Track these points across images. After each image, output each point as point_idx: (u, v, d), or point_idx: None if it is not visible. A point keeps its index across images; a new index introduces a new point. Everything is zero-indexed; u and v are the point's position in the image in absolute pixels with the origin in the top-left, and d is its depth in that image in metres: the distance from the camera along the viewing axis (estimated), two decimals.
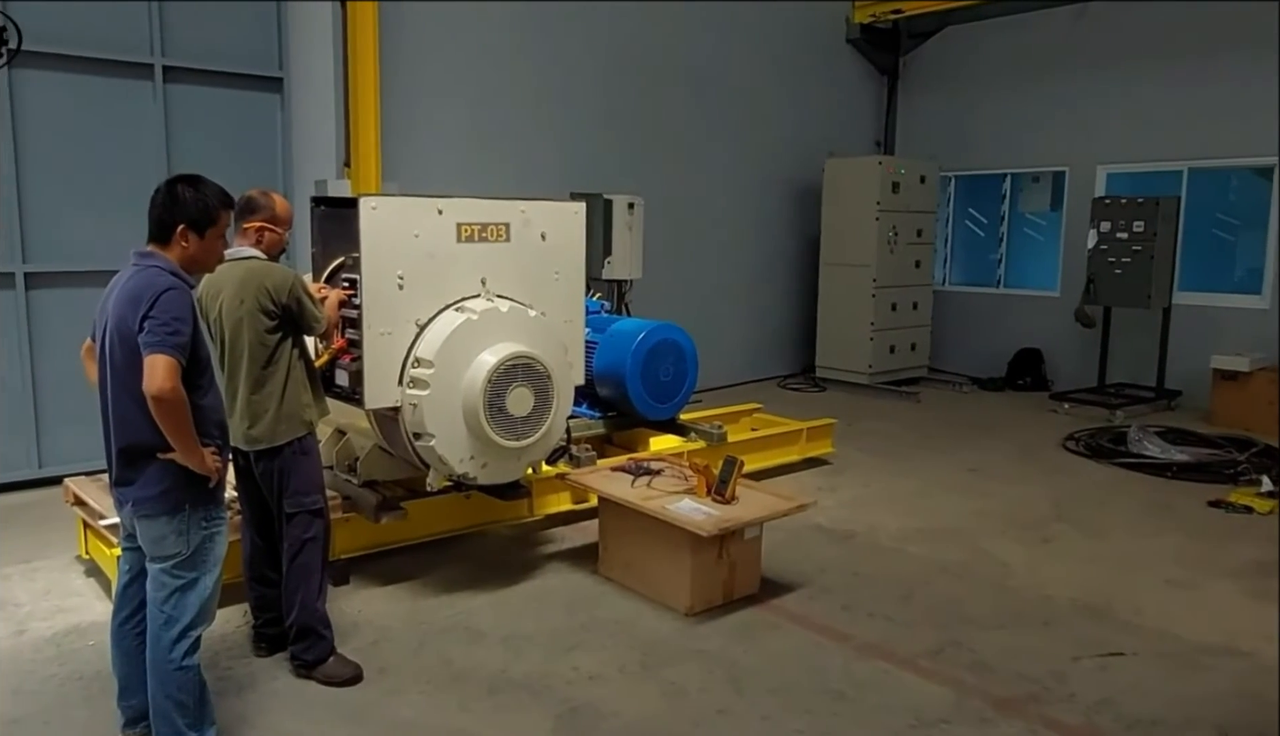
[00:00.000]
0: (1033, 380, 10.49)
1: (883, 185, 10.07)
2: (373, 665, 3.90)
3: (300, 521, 3.76)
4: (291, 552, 3.77)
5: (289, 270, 3.76)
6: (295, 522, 3.76)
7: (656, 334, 6.17)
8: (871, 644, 4.22)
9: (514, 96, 8.42)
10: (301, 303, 3.68)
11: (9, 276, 6.12)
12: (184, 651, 3.01)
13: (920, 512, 6.15)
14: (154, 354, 2.78)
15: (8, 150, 6.02)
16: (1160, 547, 5.52)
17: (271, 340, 3.63)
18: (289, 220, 3.86)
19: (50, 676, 3.83)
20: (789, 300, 11.29)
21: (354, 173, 7.18)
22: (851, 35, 11.47)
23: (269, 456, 3.69)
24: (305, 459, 3.76)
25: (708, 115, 10.05)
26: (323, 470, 3.96)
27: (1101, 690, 3.83)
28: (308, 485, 3.78)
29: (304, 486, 3.76)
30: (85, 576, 4.86)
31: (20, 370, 6.20)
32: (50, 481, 5.97)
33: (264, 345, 3.62)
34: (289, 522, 3.76)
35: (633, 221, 8.44)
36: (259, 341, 3.62)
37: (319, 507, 3.82)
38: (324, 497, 3.89)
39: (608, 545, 4.94)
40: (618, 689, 3.80)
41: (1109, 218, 9.24)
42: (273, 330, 3.63)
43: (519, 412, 4.37)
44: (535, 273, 4.75)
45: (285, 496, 3.74)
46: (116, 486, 3.02)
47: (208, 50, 6.73)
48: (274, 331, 3.63)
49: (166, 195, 2.98)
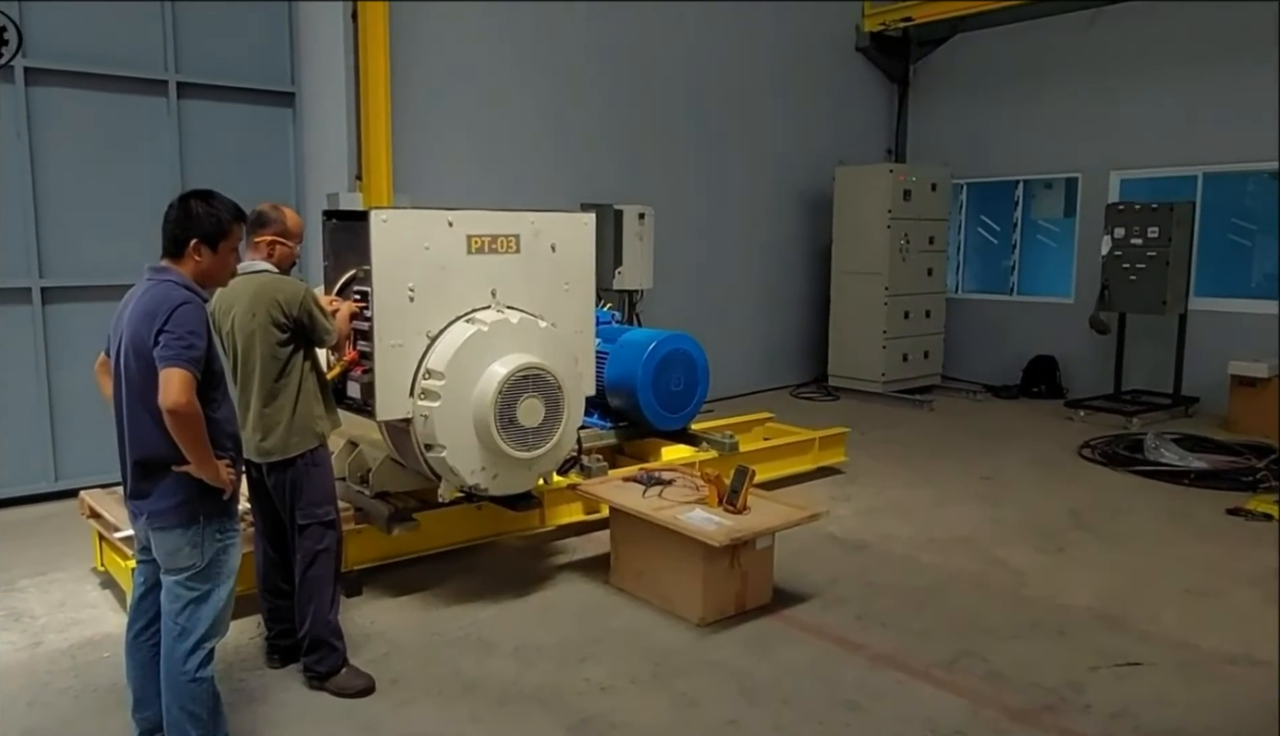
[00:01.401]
0: (1047, 387, 10.42)
1: (894, 193, 10.04)
2: (385, 676, 3.91)
3: (313, 533, 3.77)
4: (304, 564, 3.78)
5: (301, 283, 3.79)
6: (308, 534, 3.77)
7: (667, 344, 6.17)
8: (885, 654, 4.19)
9: (525, 108, 8.46)
10: (313, 316, 3.70)
11: (26, 291, 6.19)
12: (198, 663, 3.03)
13: (934, 521, 6.11)
14: (169, 368, 2.81)
15: (24, 166, 6.10)
16: (1178, 556, 5.46)
17: (283, 353, 3.66)
18: (300, 233, 3.89)
19: (65, 688, 3.85)
20: (801, 309, 11.27)
21: (365, 186, 7.22)
22: (861, 43, 11.46)
23: (281, 468, 3.71)
24: (318, 470, 3.78)
25: (718, 124, 10.06)
26: (335, 481, 3.97)
27: (1119, 700, 3.79)
28: (320, 496, 3.79)
29: (316, 498, 3.78)
30: (100, 588, 4.89)
31: (37, 384, 6.26)
32: (67, 494, 6.02)
33: (276, 358, 3.65)
34: (301, 534, 3.77)
35: (643, 232, 8.46)
36: (271, 354, 3.64)
37: (331, 519, 3.84)
38: (336, 509, 3.90)
39: (619, 555, 4.93)
40: (629, 700, 3.78)
41: (1123, 223, 9.18)
42: (284, 343, 3.65)
43: (530, 423, 4.37)
44: (545, 284, 4.77)
45: (298, 508, 3.76)
46: (131, 499, 3.04)
47: (221, 66, 6.81)
48: (285, 344, 3.66)
49: (180, 210, 3.02)
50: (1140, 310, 9.21)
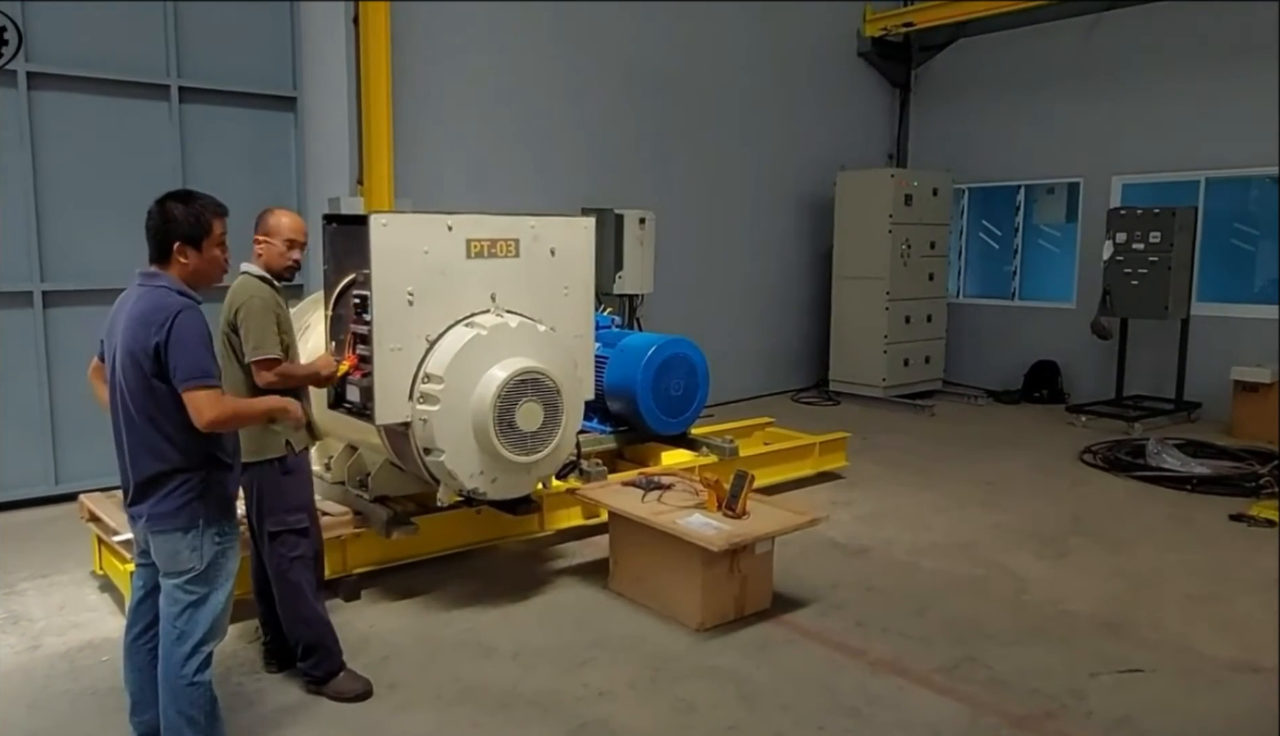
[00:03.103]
0: (1049, 392, 10.39)
1: (895, 198, 10.04)
2: (383, 681, 3.90)
3: (285, 540, 3.72)
4: (279, 570, 3.74)
5: (254, 288, 3.63)
6: (280, 541, 3.72)
7: (667, 348, 6.16)
8: (885, 660, 4.18)
9: (526, 113, 8.47)
10: (244, 323, 3.54)
11: (27, 295, 6.20)
12: (196, 667, 3.02)
13: (935, 527, 6.10)
14: (190, 392, 2.84)
15: (26, 170, 6.11)
16: (1180, 562, 5.44)
17: (238, 358, 3.60)
18: (291, 234, 3.76)
19: (64, 691, 3.85)
20: (802, 313, 11.27)
21: (367, 190, 7.23)
22: (863, 48, 11.47)
23: (249, 469, 3.62)
24: (289, 478, 3.72)
25: (719, 129, 10.06)
26: (312, 490, 3.90)
27: (1120, 707, 3.77)
28: (290, 504, 3.73)
29: (286, 505, 3.71)
30: (99, 592, 4.89)
31: (38, 387, 6.27)
32: (67, 498, 6.01)
33: (231, 362, 3.59)
34: (273, 541, 3.72)
35: (644, 236, 8.47)
36: (227, 357, 3.59)
37: (304, 527, 3.77)
38: (313, 518, 3.85)
39: (618, 560, 4.92)
40: (628, 705, 3.77)
41: (1125, 228, 9.17)
42: (238, 348, 3.60)
43: (529, 428, 4.36)
44: (545, 288, 4.76)
45: (268, 515, 3.71)
46: (131, 504, 3.03)
47: (222, 71, 6.82)
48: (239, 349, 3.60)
49: (159, 215, 2.99)
50: (1142, 315, 9.20)
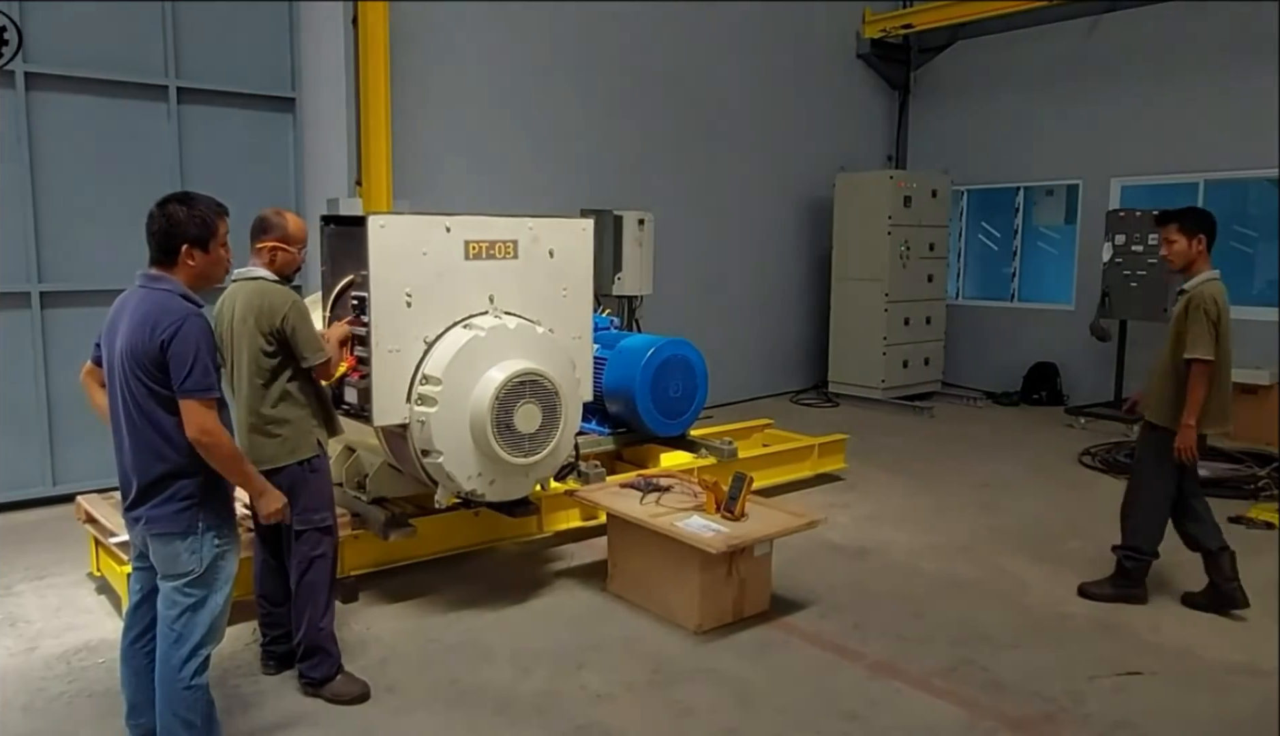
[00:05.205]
0: (1048, 394, 10.39)
1: (894, 199, 10.04)
2: (381, 683, 3.89)
3: (309, 539, 3.76)
4: (300, 570, 3.77)
5: (290, 294, 3.71)
6: (304, 540, 3.75)
7: (666, 350, 6.16)
8: (883, 662, 4.17)
9: (525, 114, 8.46)
10: (296, 331, 3.61)
11: (24, 295, 6.18)
12: (193, 670, 3.02)
13: (934, 529, 6.09)
14: (187, 400, 2.85)
15: (24, 171, 6.10)
16: (1179, 564, 5.43)
17: (270, 363, 3.63)
18: (303, 239, 3.84)
19: (60, 694, 3.84)
20: (801, 315, 11.26)
21: (365, 191, 7.23)
22: (862, 50, 11.47)
23: (275, 475, 3.68)
24: (314, 476, 3.76)
25: (718, 130, 10.06)
26: (332, 488, 3.96)
27: (1119, 710, 3.77)
28: (316, 503, 3.77)
29: (312, 504, 3.75)
30: (96, 593, 4.87)
31: (35, 389, 6.25)
32: (64, 499, 6.00)
33: (262, 367, 3.62)
34: (297, 540, 3.75)
35: (643, 237, 8.46)
36: (259, 362, 3.62)
37: (328, 525, 3.82)
38: (334, 516, 3.88)
39: (616, 562, 4.91)
40: (626, 707, 3.77)
41: (1124, 230, 9.17)
42: (271, 353, 3.63)
43: (527, 429, 4.36)
44: (543, 289, 4.75)
45: (294, 514, 3.73)
46: (130, 506, 3.02)
47: (221, 71, 6.80)
48: (273, 355, 3.63)
49: (163, 218, 2.97)
50: (1141, 317, 9.18)
